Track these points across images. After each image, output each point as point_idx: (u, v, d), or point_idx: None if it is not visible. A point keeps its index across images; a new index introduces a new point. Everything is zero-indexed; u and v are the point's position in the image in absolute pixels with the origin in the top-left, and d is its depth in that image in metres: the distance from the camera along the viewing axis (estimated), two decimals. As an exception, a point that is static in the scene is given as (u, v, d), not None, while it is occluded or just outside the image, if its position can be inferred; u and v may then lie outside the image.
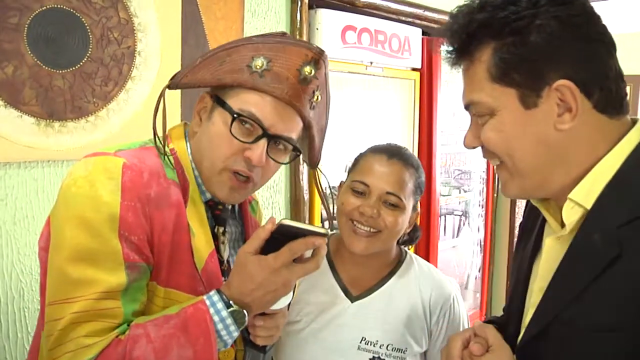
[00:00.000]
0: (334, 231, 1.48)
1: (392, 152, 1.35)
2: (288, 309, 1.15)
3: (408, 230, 1.42)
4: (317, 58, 1.06)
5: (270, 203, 2.56)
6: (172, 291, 1.03)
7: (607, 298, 0.82)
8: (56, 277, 0.96)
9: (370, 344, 1.33)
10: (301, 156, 1.19)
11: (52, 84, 1.82)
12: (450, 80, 3.27)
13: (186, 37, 2.13)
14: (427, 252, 3.23)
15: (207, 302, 0.98)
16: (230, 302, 0.99)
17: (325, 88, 1.13)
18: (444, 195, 3.52)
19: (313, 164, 1.21)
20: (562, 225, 0.95)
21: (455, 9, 0.93)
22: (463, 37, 0.90)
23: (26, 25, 1.75)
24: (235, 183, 1.08)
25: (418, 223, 1.50)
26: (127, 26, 1.97)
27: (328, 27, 2.60)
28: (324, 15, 2.60)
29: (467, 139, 0.96)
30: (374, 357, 1.32)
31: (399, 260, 1.44)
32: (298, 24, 2.51)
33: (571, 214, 0.90)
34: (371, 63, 2.82)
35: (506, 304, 1.16)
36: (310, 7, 2.59)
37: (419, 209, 1.41)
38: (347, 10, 2.69)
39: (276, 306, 1.07)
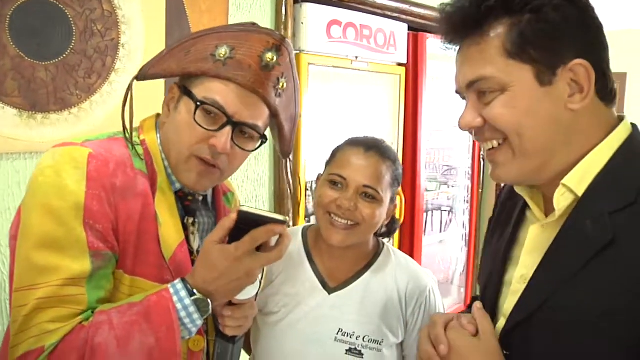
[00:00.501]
0: (313, 224, 1.49)
1: (369, 145, 1.36)
2: (256, 299, 1.16)
3: (386, 223, 1.44)
4: (279, 44, 1.08)
5: (254, 197, 2.57)
6: (138, 279, 1.04)
7: (599, 284, 0.83)
8: (22, 264, 0.97)
9: (347, 335, 1.35)
10: (276, 147, 1.20)
11: (35, 75, 1.82)
12: (436, 76, 3.29)
13: (170, 30, 2.13)
14: (412, 248, 3.26)
15: (171, 290, 1.00)
16: (194, 290, 1.00)
17: (291, 76, 1.14)
18: (430, 191, 3.54)
19: (285, 153, 1.22)
20: (546, 214, 0.97)
21: None
22: (479, 10, 0.90)
23: (8, 16, 1.75)
24: (202, 168, 1.09)
25: (398, 216, 1.51)
26: (111, 18, 1.98)
27: (313, 21, 2.62)
28: (309, 10, 2.61)
29: (466, 118, 0.95)
30: (350, 348, 1.34)
31: (376, 252, 1.46)
32: (283, 18, 2.52)
33: (562, 200, 0.91)
34: (356, 58, 2.83)
35: (480, 294, 1.17)
36: (296, 1, 2.60)
37: (396, 202, 1.43)
38: (332, 4, 2.70)
39: (243, 296, 1.08)
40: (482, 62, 0.90)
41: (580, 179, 0.89)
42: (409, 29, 3.17)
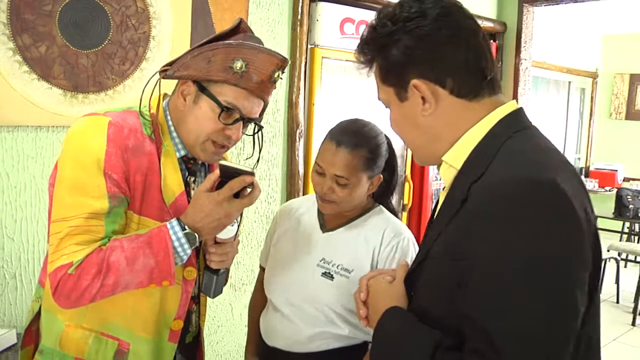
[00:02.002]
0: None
1: (340, 140, 1.62)
2: (235, 239, 1.46)
3: (373, 190, 1.70)
4: (284, 65, 1.38)
5: (268, 175, 2.87)
6: (144, 219, 1.34)
7: (449, 234, 1.06)
8: (58, 203, 1.28)
9: (326, 263, 1.67)
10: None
11: (78, 62, 2.15)
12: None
13: (195, 25, 2.44)
14: (419, 230, 3.49)
15: (168, 226, 1.29)
16: (185, 226, 1.30)
17: None
18: (437, 180, 3.76)
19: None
20: None
21: (363, 33, 1.19)
22: (361, 54, 1.16)
23: (58, 12, 2.08)
24: (216, 149, 1.40)
25: (406, 201, 1.78)
26: (144, 14, 2.29)
27: (328, 18, 2.88)
28: (324, 8, 2.87)
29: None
30: (325, 272, 1.65)
31: (366, 210, 1.73)
32: (299, 15, 2.79)
33: (446, 174, 1.13)
34: (369, 53, 3.07)
35: None
36: (312, 0, 2.87)
37: (380, 174, 1.68)
38: (346, 3, 2.95)
39: (224, 235, 1.39)
40: (377, 87, 1.17)
41: (456, 156, 1.11)
42: (423, 27, 3.38)
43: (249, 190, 1.32)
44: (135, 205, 1.32)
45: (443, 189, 1.23)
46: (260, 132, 1.44)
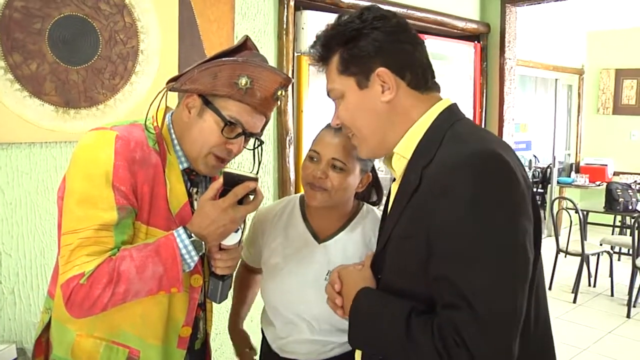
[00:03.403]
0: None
1: (338, 129, 1.65)
2: (239, 245, 1.48)
3: (362, 189, 1.73)
4: (287, 84, 1.44)
5: (260, 183, 2.89)
6: (152, 229, 1.38)
7: (407, 216, 1.18)
8: (68, 215, 1.32)
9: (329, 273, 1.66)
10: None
11: (69, 78, 2.19)
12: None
13: (183, 38, 2.48)
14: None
15: (175, 234, 1.33)
16: (192, 234, 1.33)
17: None
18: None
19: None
20: None
21: (319, 32, 1.31)
22: (321, 48, 1.28)
23: (47, 30, 2.12)
24: (216, 163, 1.44)
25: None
26: (132, 29, 2.33)
27: (313, 26, 2.92)
28: (309, 16, 2.92)
29: (332, 119, 1.34)
30: None
31: (356, 211, 1.76)
32: (285, 24, 2.84)
33: (398, 164, 1.26)
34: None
35: None
36: (297, 8, 2.91)
37: (370, 172, 1.72)
38: (331, 11, 2.99)
39: (228, 242, 1.42)
40: (330, 79, 1.28)
41: (405, 146, 1.24)
42: (407, 31, 3.43)
43: (251, 196, 1.36)
44: (143, 216, 1.36)
45: (394, 180, 1.34)
46: (260, 147, 1.48)
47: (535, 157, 7.99)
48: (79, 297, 1.24)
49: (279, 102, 1.47)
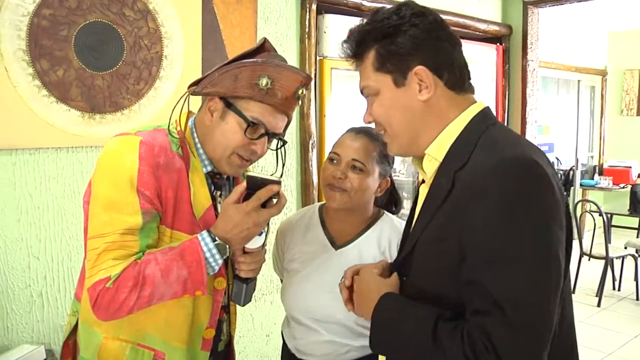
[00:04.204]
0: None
1: (360, 130, 1.69)
2: (263, 248, 1.49)
3: (380, 194, 1.73)
4: (308, 82, 1.44)
5: (283, 186, 2.90)
6: (177, 232, 1.39)
7: (441, 219, 1.16)
8: (94, 220, 1.34)
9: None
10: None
11: (94, 83, 2.22)
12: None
13: (206, 43, 2.50)
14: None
15: (199, 238, 1.34)
16: (216, 238, 1.34)
17: None
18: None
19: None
20: None
21: (353, 27, 1.28)
22: (355, 44, 1.25)
23: (73, 36, 2.15)
24: (241, 162, 1.45)
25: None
26: (156, 34, 2.36)
27: (335, 30, 2.93)
28: (331, 20, 2.92)
29: (364, 116, 1.31)
30: None
31: (375, 218, 1.76)
32: (307, 28, 2.85)
33: (429, 165, 1.24)
34: (377, 61, 3.12)
35: None
36: (319, 12, 2.92)
37: (389, 177, 1.72)
38: (353, 14, 3.00)
39: (252, 245, 1.43)
40: (364, 76, 1.26)
41: (438, 148, 1.22)
42: (429, 33, 3.42)
43: (275, 200, 1.37)
44: (167, 220, 1.37)
45: (422, 182, 1.33)
46: (283, 147, 1.49)
47: (557, 159, 7.91)
48: (105, 300, 1.26)
49: (300, 102, 1.47)
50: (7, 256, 2.11)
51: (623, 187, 7.49)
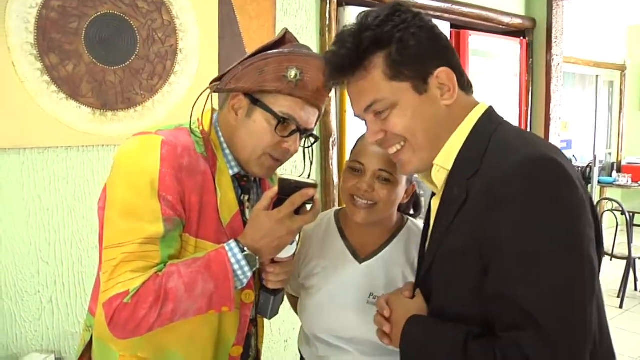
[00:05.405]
0: (344, 207, 1.69)
1: None
2: (293, 258, 1.38)
3: (406, 201, 1.61)
4: None
5: (302, 185, 2.80)
6: (201, 241, 1.26)
7: (458, 231, 1.07)
8: (110, 228, 1.21)
9: (377, 299, 1.53)
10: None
11: (106, 79, 2.11)
12: (479, 71, 3.42)
13: (223, 35, 2.38)
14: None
15: (226, 248, 1.22)
16: (245, 248, 1.22)
17: None
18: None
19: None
20: None
21: (337, 37, 1.17)
22: (357, 53, 1.12)
23: (84, 29, 2.04)
24: (272, 164, 1.33)
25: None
26: (170, 27, 2.24)
27: (356, 23, 2.80)
28: (352, 13, 2.80)
29: (371, 134, 1.18)
30: None
31: (400, 226, 1.63)
32: (327, 21, 2.72)
33: (438, 176, 1.15)
34: (399, 56, 3.00)
35: None
36: (340, 4, 2.80)
37: (414, 182, 1.59)
38: (375, 6, 2.87)
39: (283, 254, 1.31)
40: (373, 90, 1.13)
41: (446, 157, 1.13)
42: (452, 26, 3.30)
43: (308, 206, 1.25)
44: (191, 227, 1.25)
45: (433, 195, 1.25)
46: (314, 144, 1.38)
47: (574, 156, 7.75)
48: (122, 317, 1.14)
49: (331, 93, 1.35)
50: (15, 261, 2.01)
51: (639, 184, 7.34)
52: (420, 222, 1.68)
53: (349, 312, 1.53)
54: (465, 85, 1.15)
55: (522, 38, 3.93)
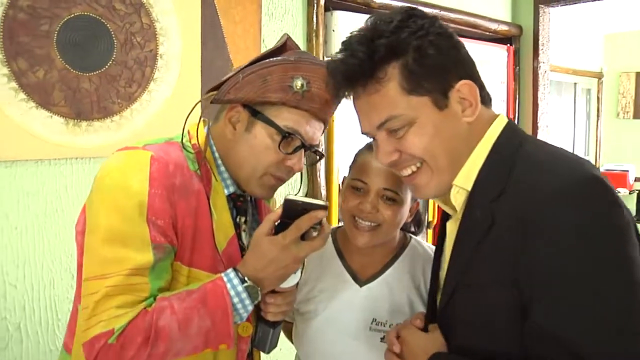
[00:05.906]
0: (342, 225, 1.56)
1: None
2: (297, 287, 1.25)
3: (409, 220, 1.49)
4: None
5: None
6: (195, 270, 1.13)
7: (487, 259, 0.97)
8: (92, 256, 1.06)
9: (380, 325, 1.41)
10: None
11: (80, 86, 1.95)
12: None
13: (205, 41, 2.24)
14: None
15: (225, 279, 1.09)
16: (245, 278, 1.09)
17: None
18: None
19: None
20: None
21: (344, 44, 1.05)
22: (369, 63, 1.01)
23: (56, 32, 1.88)
24: (274, 183, 1.21)
25: (431, 218, 1.57)
26: (150, 31, 2.09)
27: (344, 28, 2.68)
28: (339, 18, 2.68)
29: (383, 155, 1.06)
30: (384, 336, 1.38)
31: (403, 245, 1.51)
32: (314, 26, 2.60)
33: (457, 197, 1.05)
34: (387, 63, 2.90)
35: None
36: (327, 9, 2.68)
37: (418, 199, 1.48)
38: (362, 11, 2.76)
39: (285, 284, 1.17)
40: (387, 105, 1.02)
41: (466, 177, 1.03)
42: (440, 33, 3.20)
43: (314, 232, 1.12)
44: (184, 255, 1.12)
45: (445, 217, 1.14)
46: (318, 162, 1.25)
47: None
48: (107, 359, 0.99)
49: (338, 105, 1.22)
50: (-21, 285, 1.83)
51: (630, 193, 7.38)
52: (424, 241, 1.56)
53: (349, 339, 1.42)
54: (485, 100, 1.06)
55: (508, 45, 3.86)
